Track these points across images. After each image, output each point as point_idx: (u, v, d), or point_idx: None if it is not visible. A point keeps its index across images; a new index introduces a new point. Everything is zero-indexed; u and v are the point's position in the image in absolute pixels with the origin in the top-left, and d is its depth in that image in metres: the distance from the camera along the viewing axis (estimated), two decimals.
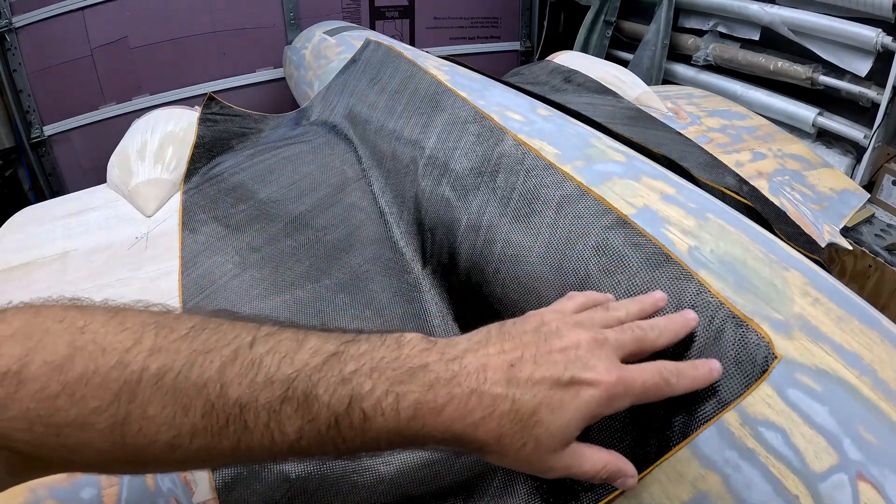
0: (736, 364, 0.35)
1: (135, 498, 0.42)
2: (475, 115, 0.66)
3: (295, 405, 0.26)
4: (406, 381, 0.28)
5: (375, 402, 0.27)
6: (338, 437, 0.27)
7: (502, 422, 0.28)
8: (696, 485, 0.34)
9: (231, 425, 0.26)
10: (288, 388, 0.26)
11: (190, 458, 0.26)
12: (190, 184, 0.80)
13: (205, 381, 0.26)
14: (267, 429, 0.26)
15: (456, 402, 0.28)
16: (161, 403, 0.25)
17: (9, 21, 1.61)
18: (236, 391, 0.26)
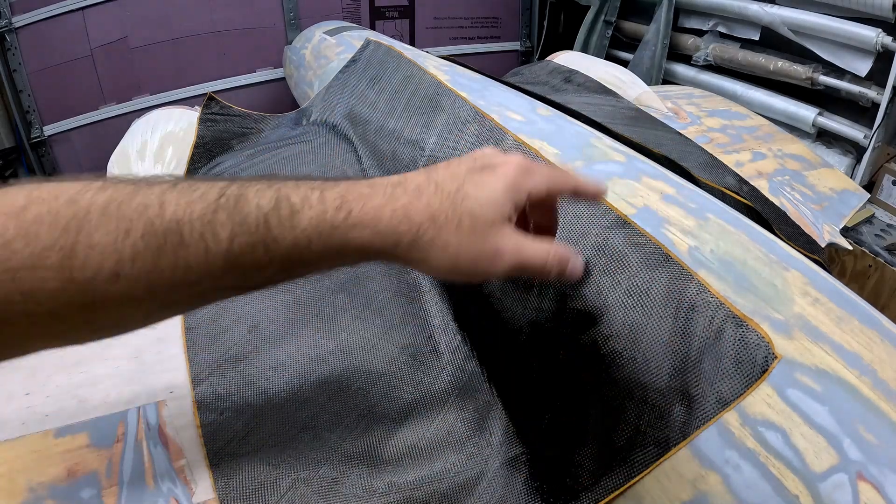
0: (736, 364, 0.35)
1: (135, 498, 0.42)
2: (475, 115, 0.66)
3: (227, 211, 0.27)
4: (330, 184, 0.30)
5: (303, 196, 0.28)
6: (268, 235, 0.28)
7: (431, 201, 0.29)
8: (696, 485, 0.34)
9: (168, 242, 0.27)
10: (220, 197, 0.28)
11: (132, 286, 0.27)
12: None
13: (146, 204, 0.27)
14: (202, 239, 0.27)
15: (380, 191, 0.29)
16: (105, 230, 0.26)
17: (9, 21, 1.61)
18: (173, 208, 0.27)
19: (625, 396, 0.39)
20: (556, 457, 0.43)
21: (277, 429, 0.47)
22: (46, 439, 0.46)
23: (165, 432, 0.47)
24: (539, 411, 0.45)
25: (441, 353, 0.54)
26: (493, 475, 0.44)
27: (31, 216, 0.26)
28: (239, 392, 0.50)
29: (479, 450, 0.46)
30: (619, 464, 0.38)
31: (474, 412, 0.49)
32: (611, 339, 0.41)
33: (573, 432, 0.41)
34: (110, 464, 0.44)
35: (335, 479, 0.44)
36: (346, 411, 0.48)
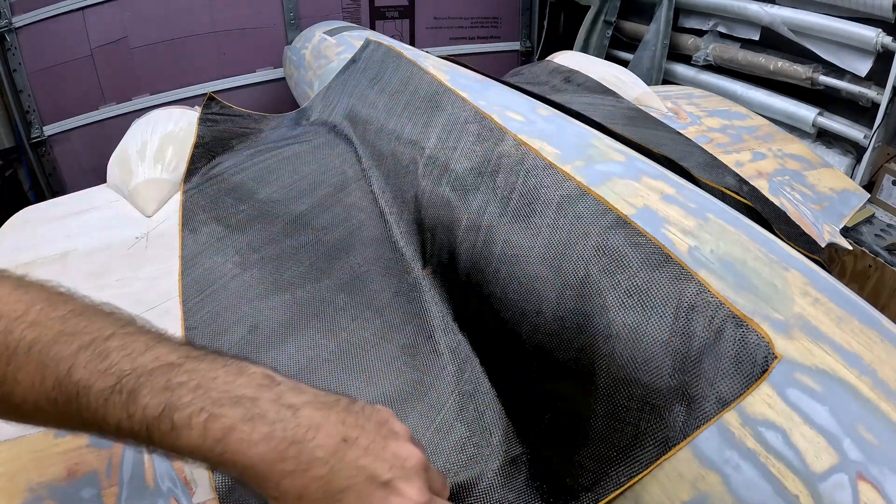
0: (736, 364, 0.35)
1: (135, 498, 0.42)
2: (475, 115, 0.66)
3: (122, 399, 0.28)
4: (227, 406, 0.28)
5: (187, 417, 0.27)
6: (148, 439, 0.28)
7: (311, 485, 0.27)
8: (696, 485, 0.34)
9: (73, 401, 0.29)
10: (119, 381, 0.28)
11: (51, 420, 0.30)
12: (190, 184, 0.80)
13: (60, 357, 0.29)
14: (97, 412, 0.28)
15: (273, 444, 0.27)
16: (27, 370, 0.29)
17: (9, 21, 1.61)
18: (80, 373, 0.29)
19: (625, 396, 0.39)
20: (556, 457, 0.43)
21: None
22: (46, 439, 0.46)
23: None
24: (539, 411, 0.45)
25: (441, 353, 0.54)
26: (493, 475, 0.44)
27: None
28: None
29: (479, 450, 0.46)
30: (619, 464, 0.38)
31: (474, 412, 0.49)
32: (611, 339, 0.41)
33: (573, 432, 0.41)
34: (110, 464, 0.44)
35: None
36: None
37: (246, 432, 0.27)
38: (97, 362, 0.29)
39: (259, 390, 0.29)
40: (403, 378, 0.51)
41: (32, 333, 0.29)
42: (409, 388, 0.50)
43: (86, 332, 0.30)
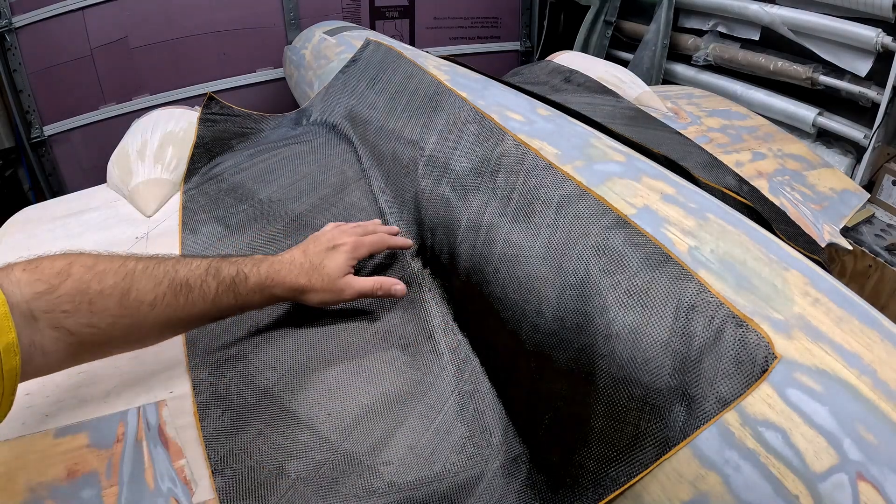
0: (736, 364, 0.35)
1: (135, 498, 0.42)
2: (475, 115, 0.66)
3: (212, 275, 0.49)
4: (260, 263, 0.53)
5: (249, 270, 0.52)
6: (234, 287, 0.50)
7: (309, 271, 0.54)
8: (696, 485, 0.34)
9: (182, 289, 0.48)
10: (208, 267, 0.50)
11: (161, 312, 0.46)
12: (190, 184, 0.80)
13: (167, 269, 0.48)
14: (200, 288, 0.48)
15: (286, 268, 0.53)
16: (145, 280, 0.46)
17: (9, 21, 1.61)
18: (183, 273, 0.48)
19: (625, 396, 0.39)
20: (556, 457, 0.43)
21: (277, 428, 0.47)
22: (46, 439, 0.46)
23: (165, 432, 0.47)
24: (539, 411, 0.45)
25: (441, 352, 0.54)
26: (492, 475, 0.44)
27: (100, 269, 0.44)
28: (238, 392, 0.50)
29: (479, 450, 0.46)
30: (619, 464, 0.38)
31: (474, 412, 0.49)
32: (611, 339, 0.41)
33: (573, 432, 0.41)
34: (110, 464, 0.44)
35: (335, 479, 0.44)
36: (346, 411, 0.48)
37: (273, 269, 0.53)
38: (189, 265, 0.49)
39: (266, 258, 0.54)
40: (403, 378, 0.51)
41: (141, 264, 0.47)
42: (409, 388, 0.50)
43: (170, 258, 0.49)
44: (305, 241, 0.58)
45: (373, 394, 0.50)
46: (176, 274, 0.47)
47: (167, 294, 0.46)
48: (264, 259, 0.53)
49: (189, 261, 0.50)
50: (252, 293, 0.51)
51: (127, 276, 0.45)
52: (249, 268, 0.51)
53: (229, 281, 0.50)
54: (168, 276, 0.47)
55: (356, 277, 0.55)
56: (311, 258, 0.55)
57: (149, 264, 0.47)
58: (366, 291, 0.55)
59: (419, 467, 0.45)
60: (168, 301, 0.46)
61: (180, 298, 0.47)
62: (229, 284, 0.50)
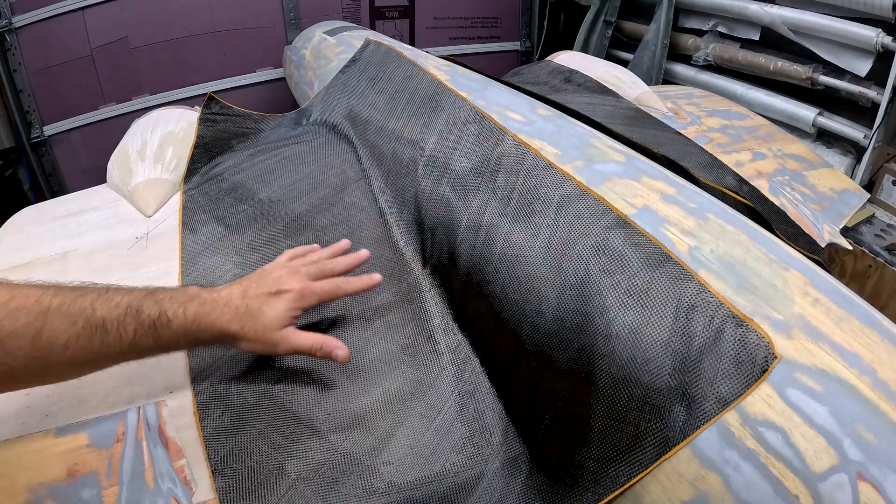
0: (736, 364, 0.35)
1: (135, 498, 0.42)
2: (475, 115, 0.66)
3: (132, 316, 0.45)
4: (189, 303, 0.48)
5: (173, 312, 0.47)
6: (155, 332, 0.46)
7: (243, 317, 0.49)
8: (696, 485, 0.34)
9: (98, 331, 0.44)
10: (127, 307, 0.46)
11: (75, 354, 0.43)
12: (190, 184, 0.80)
13: (84, 306, 0.44)
14: (117, 332, 0.45)
15: (217, 310, 0.48)
16: (59, 319, 0.43)
17: (9, 21, 1.61)
18: (101, 311, 0.45)
19: (625, 396, 0.39)
20: (556, 457, 0.43)
21: (277, 428, 0.47)
22: (46, 439, 0.46)
23: (165, 432, 0.47)
24: (539, 411, 0.45)
25: (441, 353, 0.54)
26: (493, 475, 0.44)
27: (14, 306, 0.42)
28: (239, 392, 0.50)
29: (479, 450, 0.46)
30: (619, 464, 0.38)
31: (474, 412, 0.49)
32: (611, 339, 0.41)
33: (573, 432, 0.41)
34: (110, 464, 0.44)
35: (335, 479, 0.44)
36: (346, 411, 0.48)
37: (203, 311, 0.48)
38: (109, 303, 0.45)
39: (199, 292, 0.49)
40: (403, 378, 0.51)
41: (57, 299, 0.44)
42: (409, 388, 0.50)
43: (92, 291, 0.46)
44: (251, 276, 0.53)
45: (373, 394, 0.50)
46: (93, 313, 0.44)
47: (81, 335, 0.43)
48: (197, 296, 0.48)
49: (111, 296, 0.46)
50: (175, 338, 0.47)
51: (41, 315, 0.43)
52: (175, 308, 0.47)
53: (149, 324, 0.45)
54: (84, 315, 0.44)
55: (295, 332, 0.50)
56: (248, 301, 0.49)
57: (66, 300, 0.44)
58: (302, 349, 0.50)
59: (419, 467, 0.45)
60: (82, 343, 0.43)
61: (94, 341, 0.44)
62: (149, 327, 0.45)
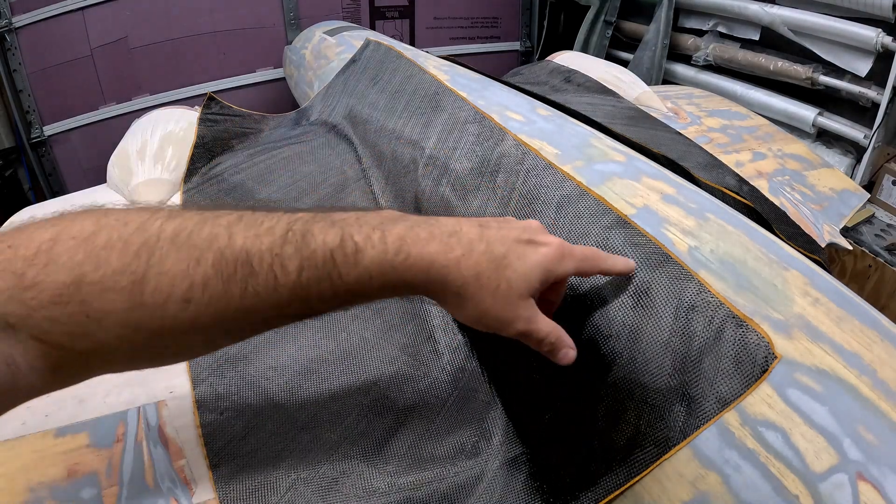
0: (736, 364, 0.35)
1: (135, 498, 0.42)
2: (475, 115, 0.66)
3: (294, 245, 0.29)
4: (389, 224, 0.32)
5: (365, 236, 0.31)
6: (333, 269, 0.30)
7: (480, 260, 0.32)
8: (696, 485, 0.34)
9: (239, 271, 0.29)
10: (287, 231, 0.30)
11: (202, 311, 0.28)
12: (190, 184, 0.80)
13: (215, 234, 0.29)
14: (270, 270, 0.29)
15: (438, 239, 0.32)
16: (176, 257, 0.28)
17: (9, 21, 1.61)
18: (242, 240, 0.29)
19: (625, 396, 0.39)
20: (556, 457, 0.43)
21: (277, 429, 0.47)
22: (46, 439, 0.46)
23: (165, 432, 0.47)
24: (539, 411, 0.45)
25: (441, 353, 0.54)
26: (493, 475, 0.44)
27: (101, 241, 0.27)
28: (239, 392, 0.50)
29: (479, 450, 0.46)
30: (619, 464, 0.38)
31: (474, 412, 0.49)
32: (611, 339, 0.41)
33: (573, 432, 0.41)
34: (110, 464, 0.44)
35: (335, 479, 0.44)
36: (346, 411, 0.48)
37: (415, 235, 0.31)
38: (255, 228, 0.30)
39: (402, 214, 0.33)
40: (403, 378, 0.51)
41: (172, 224, 0.29)
42: (409, 389, 0.50)
43: (227, 213, 0.30)
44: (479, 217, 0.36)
45: (373, 394, 0.50)
46: (230, 243, 0.29)
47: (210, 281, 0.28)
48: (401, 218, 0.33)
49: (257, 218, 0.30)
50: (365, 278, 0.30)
51: (144, 251, 0.28)
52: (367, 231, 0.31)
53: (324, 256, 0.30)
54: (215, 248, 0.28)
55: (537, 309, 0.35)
56: (489, 242, 0.33)
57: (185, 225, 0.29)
58: (538, 335, 0.35)
59: (419, 467, 0.45)
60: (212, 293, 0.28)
61: (233, 288, 0.28)
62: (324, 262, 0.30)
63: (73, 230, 0.27)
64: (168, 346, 0.30)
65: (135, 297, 0.27)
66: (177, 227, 0.29)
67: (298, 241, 0.29)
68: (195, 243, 0.28)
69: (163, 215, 0.29)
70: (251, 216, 0.30)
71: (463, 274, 0.32)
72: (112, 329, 0.28)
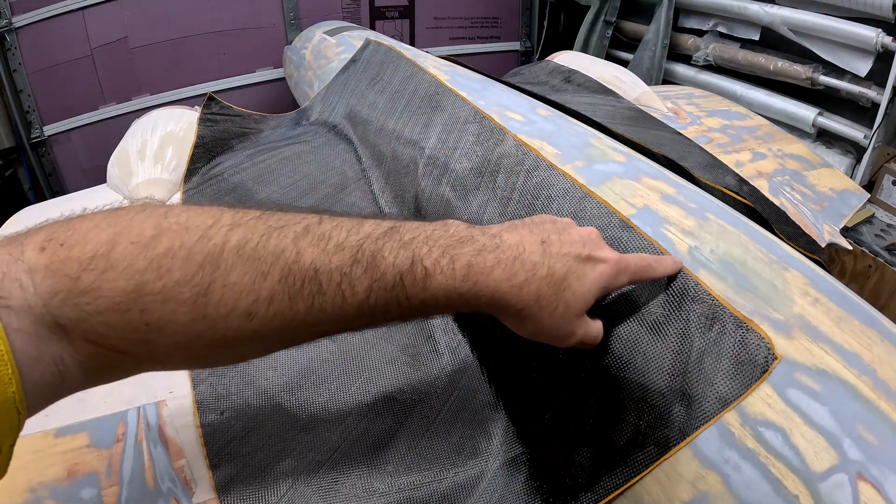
0: (736, 364, 0.35)
1: (135, 498, 0.42)
2: (475, 115, 0.66)
3: (364, 266, 0.30)
4: (458, 247, 0.32)
5: (434, 261, 0.31)
6: (402, 293, 0.30)
7: (541, 284, 0.33)
8: (696, 485, 0.34)
9: (306, 287, 0.28)
10: (357, 251, 0.30)
11: (265, 325, 0.28)
12: (190, 184, 0.80)
13: (282, 248, 0.28)
14: (339, 289, 0.29)
15: (503, 265, 0.32)
16: (242, 270, 0.27)
17: (9, 21, 1.61)
18: (310, 256, 0.29)
19: (625, 397, 0.39)
20: (556, 457, 0.43)
21: (277, 429, 0.47)
22: (46, 439, 0.46)
23: (165, 432, 0.47)
24: (539, 411, 0.45)
25: (441, 353, 0.54)
26: (493, 475, 0.44)
27: (163, 249, 0.26)
28: (239, 392, 0.50)
29: (479, 450, 0.46)
30: (619, 464, 0.38)
31: (474, 412, 0.49)
32: (610, 340, 0.41)
33: (573, 432, 0.41)
34: (110, 464, 0.44)
35: (335, 479, 0.44)
36: (346, 411, 0.48)
37: (482, 263, 0.32)
38: (323, 244, 0.29)
39: (468, 231, 0.33)
40: (403, 378, 0.51)
41: (237, 234, 0.28)
42: (408, 389, 0.50)
43: (294, 223, 0.30)
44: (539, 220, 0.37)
45: (373, 394, 0.50)
46: (298, 259, 0.28)
47: (277, 296, 0.28)
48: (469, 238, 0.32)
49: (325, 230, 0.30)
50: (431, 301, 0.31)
51: (209, 262, 0.27)
52: (436, 256, 0.31)
53: (393, 279, 0.30)
54: (282, 262, 0.28)
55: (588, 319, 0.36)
56: (551, 261, 0.33)
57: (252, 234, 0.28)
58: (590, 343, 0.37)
59: (419, 467, 0.45)
60: (278, 308, 0.28)
61: (299, 304, 0.28)
62: (393, 285, 0.30)
63: (132, 233, 0.27)
64: (225, 354, 0.30)
65: (197, 309, 0.27)
66: (242, 237, 0.28)
67: (368, 261, 0.30)
68: (261, 256, 0.28)
69: (226, 222, 0.28)
70: (317, 228, 0.30)
71: (524, 298, 0.33)
72: (171, 337, 0.27)
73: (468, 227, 0.34)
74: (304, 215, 0.31)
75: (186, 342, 0.28)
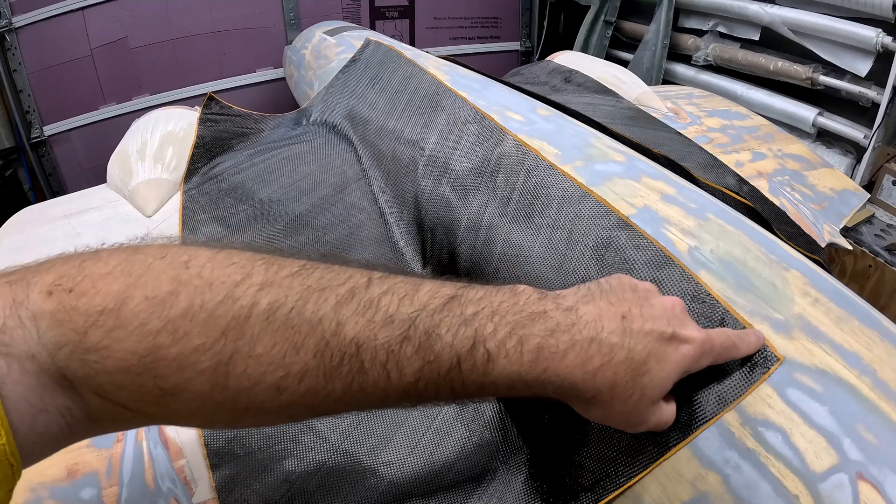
0: (736, 364, 0.35)
1: (135, 498, 0.42)
2: (475, 115, 0.66)
3: (416, 345, 0.25)
4: (528, 325, 0.27)
5: (499, 344, 0.26)
6: (457, 379, 0.26)
7: (618, 370, 0.28)
8: (696, 485, 0.34)
9: (345, 365, 0.24)
10: (409, 326, 0.25)
11: (295, 401, 0.25)
12: (190, 184, 0.80)
13: (319, 317, 0.24)
14: (384, 369, 0.25)
15: (577, 348, 0.28)
16: (271, 341, 0.24)
17: (9, 21, 1.61)
18: (353, 329, 0.25)
19: None
20: (556, 457, 0.43)
21: (277, 429, 0.47)
22: None
23: (165, 432, 0.47)
24: (539, 411, 0.45)
25: None
26: (493, 475, 0.44)
27: (181, 308, 0.23)
28: None
29: (479, 450, 0.46)
30: (619, 464, 0.38)
31: (474, 412, 0.49)
32: None
33: (573, 432, 0.41)
34: (110, 464, 0.44)
35: (335, 479, 0.44)
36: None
37: (554, 346, 0.27)
38: (370, 313, 0.25)
39: (540, 303, 0.29)
40: None
41: (268, 297, 0.24)
42: None
43: (338, 285, 0.25)
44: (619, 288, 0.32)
45: None
46: (337, 331, 0.25)
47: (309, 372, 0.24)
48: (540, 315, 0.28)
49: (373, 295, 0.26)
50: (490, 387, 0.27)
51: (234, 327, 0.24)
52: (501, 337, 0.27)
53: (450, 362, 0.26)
54: (318, 334, 0.24)
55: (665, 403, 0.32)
56: (631, 342, 0.29)
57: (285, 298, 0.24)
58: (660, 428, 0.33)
59: (419, 467, 0.45)
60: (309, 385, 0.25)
61: (335, 383, 0.25)
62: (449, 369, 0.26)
63: (147, 286, 0.23)
64: (249, 422, 0.27)
65: (217, 379, 0.24)
66: (273, 300, 0.24)
67: (421, 340, 0.25)
68: (294, 325, 0.24)
69: (257, 280, 0.24)
70: (364, 293, 0.25)
71: (597, 385, 0.28)
72: (188, 405, 0.24)
73: (540, 298, 0.29)
74: (350, 273, 0.26)
75: (206, 409, 0.25)
